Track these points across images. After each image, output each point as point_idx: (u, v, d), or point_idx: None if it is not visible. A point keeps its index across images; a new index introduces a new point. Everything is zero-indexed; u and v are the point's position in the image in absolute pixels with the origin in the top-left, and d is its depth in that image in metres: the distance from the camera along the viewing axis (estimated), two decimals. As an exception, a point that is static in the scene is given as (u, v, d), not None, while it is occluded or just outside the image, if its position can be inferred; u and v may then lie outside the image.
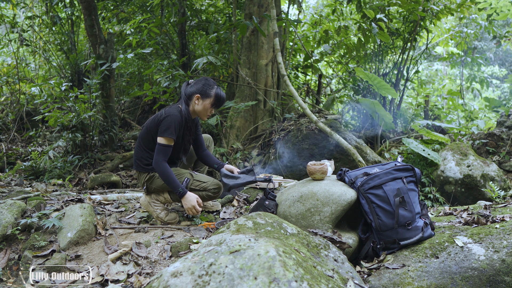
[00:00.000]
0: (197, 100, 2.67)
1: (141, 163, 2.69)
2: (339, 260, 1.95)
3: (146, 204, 2.76)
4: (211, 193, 2.70)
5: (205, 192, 2.69)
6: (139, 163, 2.70)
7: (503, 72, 14.63)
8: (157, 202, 2.75)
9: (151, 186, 2.71)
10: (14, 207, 2.55)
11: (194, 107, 2.70)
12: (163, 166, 2.52)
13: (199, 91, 2.66)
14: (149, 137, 2.66)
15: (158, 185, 2.69)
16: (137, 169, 2.72)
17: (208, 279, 1.34)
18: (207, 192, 2.69)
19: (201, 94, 2.66)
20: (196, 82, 2.71)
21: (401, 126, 7.62)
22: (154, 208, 2.74)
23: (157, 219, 2.73)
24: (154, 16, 6.85)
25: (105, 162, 5.61)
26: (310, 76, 8.59)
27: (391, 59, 8.27)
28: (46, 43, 8.07)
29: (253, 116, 5.98)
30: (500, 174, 4.13)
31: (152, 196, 2.75)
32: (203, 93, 2.66)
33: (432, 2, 6.62)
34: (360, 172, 2.38)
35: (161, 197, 2.75)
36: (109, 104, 6.01)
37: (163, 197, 2.75)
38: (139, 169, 2.71)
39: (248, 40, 6.07)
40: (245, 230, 1.81)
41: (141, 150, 2.71)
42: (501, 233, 2.00)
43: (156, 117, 2.63)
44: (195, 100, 2.67)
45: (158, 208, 2.74)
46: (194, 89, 2.67)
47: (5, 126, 7.07)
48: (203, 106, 2.68)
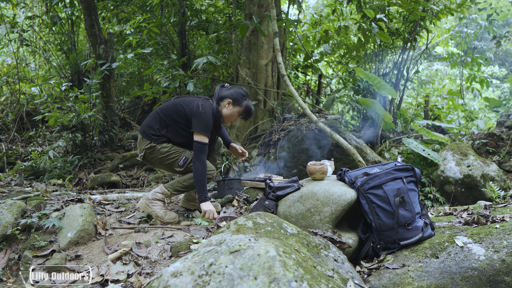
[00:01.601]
0: (228, 105, 2.74)
1: (149, 131, 2.72)
2: (339, 260, 1.95)
3: (144, 205, 2.76)
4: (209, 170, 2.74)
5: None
6: (147, 130, 2.72)
7: (503, 72, 14.63)
8: (155, 202, 2.74)
9: (149, 156, 2.73)
10: (14, 207, 2.55)
11: (223, 109, 2.77)
12: (204, 167, 2.59)
13: (232, 97, 2.74)
14: (173, 115, 2.69)
15: (156, 158, 2.70)
16: (143, 134, 2.74)
17: (208, 279, 1.34)
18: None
19: (233, 100, 2.74)
20: (231, 88, 2.80)
21: (401, 126, 7.62)
22: (153, 208, 2.74)
23: (157, 219, 2.73)
24: (154, 16, 6.85)
25: (105, 162, 5.61)
26: (310, 76, 8.59)
27: (391, 59, 8.26)
28: (46, 43, 8.07)
29: (253, 116, 5.98)
30: (500, 174, 4.13)
31: (150, 196, 2.75)
32: (235, 101, 2.74)
33: (432, 2, 6.62)
34: (360, 172, 2.38)
35: (158, 194, 2.75)
36: (109, 104, 6.01)
37: (161, 194, 2.75)
38: (144, 135, 2.73)
39: (248, 40, 6.07)
40: (245, 230, 1.81)
41: (155, 121, 2.73)
42: (501, 233, 2.00)
43: (192, 106, 2.65)
44: (226, 103, 2.74)
45: (157, 207, 2.74)
46: (228, 94, 2.75)
47: (5, 126, 7.07)
48: (231, 112, 2.76)
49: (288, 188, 2.51)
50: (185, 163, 2.70)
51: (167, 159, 2.71)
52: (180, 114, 2.68)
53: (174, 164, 2.72)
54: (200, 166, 2.59)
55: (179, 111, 2.69)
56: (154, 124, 2.74)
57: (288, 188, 2.51)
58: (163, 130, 2.72)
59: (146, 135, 2.73)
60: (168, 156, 2.71)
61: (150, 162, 2.81)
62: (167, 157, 2.71)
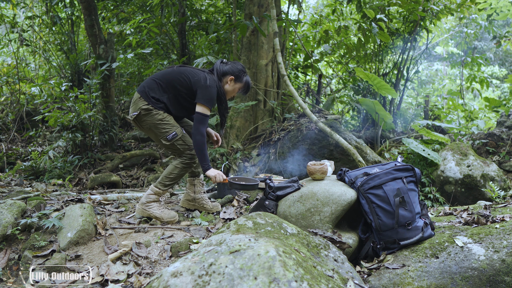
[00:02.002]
0: (230, 81, 2.80)
1: (149, 93, 2.67)
2: (339, 260, 1.95)
3: (141, 211, 2.75)
4: (184, 158, 2.73)
5: (181, 155, 2.73)
6: (147, 91, 2.67)
7: (503, 72, 14.62)
8: (150, 204, 2.73)
9: (142, 117, 2.67)
10: (14, 207, 2.55)
11: (225, 85, 2.82)
12: (203, 138, 2.62)
13: (234, 74, 2.79)
14: (175, 83, 2.68)
15: (148, 122, 2.66)
16: (141, 94, 2.68)
17: (208, 279, 1.34)
18: (181, 157, 2.73)
19: (235, 77, 2.79)
20: (230, 63, 2.84)
21: (401, 126, 7.62)
22: (150, 211, 2.72)
23: (157, 220, 2.73)
24: (154, 16, 6.85)
25: (105, 162, 5.61)
26: (310, 76, 8.59)
27: (391, 59, 8.26)
28: (46, 43, 8.07)
29: (253, 116, 5.98)
30: (500, 174, 4.13)
31: (144, 200, 2.73)
32: (237, 77, 2.80)
33: (432, 2, 6.62)
34: (360, 172, 2.38)
35: (151, 195, 2.73)
36: (109, 104, 6.01)
37: (153, 195, 2.74)
38: (142, 95, 2.67)
39: (248, 40, 6.07)
40: (245, 230, 1.81)
41: (157, 84, 2.70)
42: (501, 233, 2.00)
43: (199, 78, 2.66)
44: (228, 80, 2.79)
45: (153, 208, 2.73)
46: (230, 70, 2.79)
47: (5, 126, 7.07)
48: (233, 88, 2.82)
49: (288, 188, 2.51)
50: (173, 138, 2.67)
51: (158, 127, 2.66)
52: (183, 83, 2.68)
53: (162, 136, 2.67)
54: (201, 137, 2.60)
55: (183, 80, 2.68)
56: (155, 87, 2.70)
57: (288, 188, 2.51)
58: (162, 96, 2.69)
59: (146, 96, 2.67)
60: (160, 125, 2.66)
61: (140, 125, 2.73)
62: (158, 126, 2.66)
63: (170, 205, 3.22)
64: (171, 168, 2.75)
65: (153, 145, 6.95)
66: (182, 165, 2.75)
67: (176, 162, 2.76)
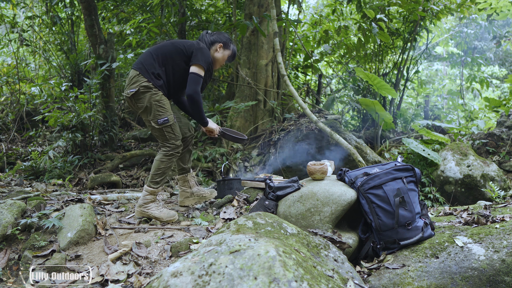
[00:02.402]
0: (219, 48, 2.89)
1: (149, 69, 2.66)
2: (339, 260, 1.95)
3: (139, 213, 2.74)
4: (168, 149, 2.72)
5: (164, 144, 2.73)
6: (147, 68, 2.66)
7: (503, 72, 14.61)
8: (147, 205, 2.72)
9: (139, 95, 2.64)
10: (14, 207, 2.55)
11: (214, 53, 2.89)
12: (200, 97, 2.69)
13: (222, 41, 2.89)
14: (172, 54, 2.72)
15: (144, 100, 2.63)
16: (140, 71, 2.65)
17: (208, 279, 1.34)
18: (165, 146, 2.73)
19: (224, 44, 2.89)
20: (217, 33, 2.93)
21: (401, 126, 7.62)
22: (148, 212, 2.71)
23: (157, 220, 2.72)
24: (154, 16, 6.85)
25: (105, 162, 5.61)
26: (310, 76, 8.59)
27: (391, 59, 8.27)
28: (46, 43, 8.07)
29: (253, 116, 5.98)
30: (500, 174, 4.13)
31: (140, 202, 2.73)
32: (225, 44, 2.90)
33: (432, 2, 6.62)
34: (360, 172, 2.38)
35: (146, 196, 2.73)
36: (109, 104, 6.01)
37: (149, 195, 2.74)
38: (141, 72, 2.64)
39: (248, 40, 6.06)
40: (245, 230, 1.81)
41: (153, 59, 2.69)
42: (501, 233, 2.00)
43: (193, 44, 2.74)
44: (218, 47, 2.88)
45: (151, 209, 2.72)
46: (218, 38, 2.89)
47: (5, 126, 7.07)
48: (222, 55, 2.91)
49: (288, 188, 2.51)
50: (163, 123, 2.65)
51: (152, 109, 2.64)
52: (179, 51, 2.72)
53: (153, 118, 2.65)
54: (198, 97, 2.67)
55: (178, 49, 2.72)
56: (153, 63, 2.68)
57: (288, 188, 2.51)
58: (161, 70, 2.70)
59: (145, 72, 2.64)
60: (155, 107, 2.63)
61: (136, 104, 2.69)
62: (153, 107, 2.63)
63: (170, 205, 3.22)
64: (157, 163, 2.73)
65: (153, 145, 6.95)
66: (166, 157, 2.72)
67: (159, 156, 2.73)
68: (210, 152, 5.39)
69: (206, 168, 5.38)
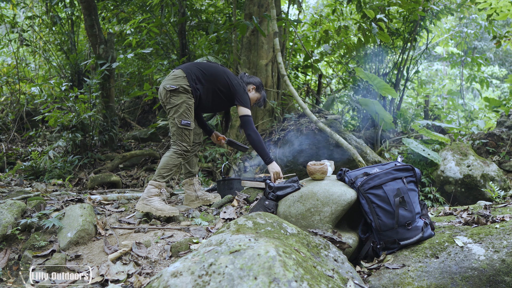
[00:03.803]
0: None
1: (194, 78, 2.85)
2: (339, 260, 1.95)
3: (142, 206, 2.75)
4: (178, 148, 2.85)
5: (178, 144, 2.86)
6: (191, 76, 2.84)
7: (503, 72, 14.62)
8: (151, 198, 2.74)
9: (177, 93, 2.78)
10: (14, 207, 2.55)
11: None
12: (258, 135, 2.95)
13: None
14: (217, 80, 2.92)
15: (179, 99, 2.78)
16: (188, 75, 2.82)
17: (208, 279, 1.34)
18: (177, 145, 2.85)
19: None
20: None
21: (401, 126, 7.62)
22: (151, 204, 2.72)
23: (158, 213, 2.70)
24: (154, 16, 6.85)
25: (105, 162, 5.61)
26: (310, 76, 8.59)
27: (391, 59, 8.27)
28: (46, 43, 8.07)
29: (253, 116, 5.98)
30: (500, 174, 4.13)
31: (145, 195, 2.75)
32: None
33: (432, 2, 6.62)
34: (360, 172, 2.38)
35: (152, 190, 2.75)
36: (109, 104, 6.01)
37: (154, 189, 2.76)
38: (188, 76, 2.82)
39: (248, 40, 6.07)
40: (245, 230, 1.81)
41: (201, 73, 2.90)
42: (501, 233, 2.00)
43: (238, 82, 3.00)
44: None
45: (155, 202, 2.74)
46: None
47: (5, 126, 7.07)
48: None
49: (288, 188, 2.51)
50: (185, 125, 2.81)
51: (181, 109, 2.79)
52: (225, 83, 2.93)
53: (178, 117, 2.79)
54: (256, 135, 2.92)
55: (225, 80, 2.93)
56: (199, 76, 2.89)
57: (288, 188, 2.51)
58: (202, 86, 2.89)
59: (191, 78, 2.83)
60: (184, 108, 2.79)
61: (169, 97, 2.82)
62: (183, 108, 2.79)
63: (170, 204, 3.22)
64: (166, 159, 2.83)
65: (153, 145, 6.95)
66: (176, 155, 2.83)
67: (169, 153, 2.84)
68: (210, 152, 5.39)
69: (206, 168, 5.38)
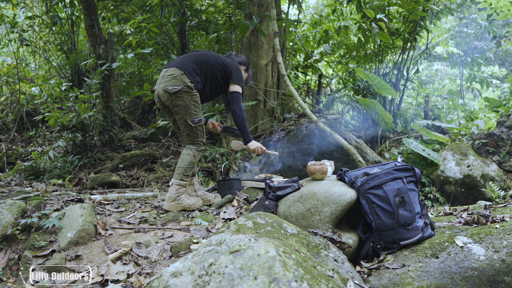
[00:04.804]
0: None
1: (191, 72, 2.81)
2: (339, 260, 1.95)
3: (174, 206, 2.85)
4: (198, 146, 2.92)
5: (195, 141, 2.92)
6: (190, 70, 2.81)
7: (503, 72, 14.61)
8: (180, 197, 2.85)
9: (181, 94, 2.75)
10: (14, 207, 2.55)
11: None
12: (244, 112, 2.94)
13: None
14: (212, 65, 2.92)
15: (185, 100, 2.77)
16: (184, 71, 2.78)
17: (208, 279, 1.34)
18: (195, 143, 2.92)
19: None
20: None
21: (401, 126, 7.62)
22: (183, 203, 2.85)
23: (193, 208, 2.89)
24: (154, 16, 6.85)
25: (105, 162, 5.61)
26: (310, 76, 8.59)
27: (391, 59, 8.27)
28: (46, 43, 8.07)
29: (253, 116, 5.98)
30: (500, 174, 4.13)
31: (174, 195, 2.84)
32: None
33: (432, 2, 6.62)
34: (360, 172, 2.38)
35: (180, 189, 2.86)
36: (109, 104, 6.01)
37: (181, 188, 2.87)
38: (186, 72, 2.78)
39: (248, 40, 6.06)
40: (245, 230, 1.81)
41: (195, 65, 2.87)
42: (501, 233, 2.00)
43: (230, 62, 3.00)
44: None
45: (185, 200, 2.87)
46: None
47: (5, 126, 7.07)
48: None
49: (288, 188, 2.51)
50: (198, 123, 2.85)
51: (190, 108, 2.80)
52: (219, 66, 2.93)
53: (190, 117, 2.81)
54: (240, 112, 2.90)
55: (218, 64, 2.93)
56: (194, 67, 2.86)
57: (288, 188, 2.51)
58: (200, 77, 2.89)
59: (189, 73, 2.79)
60: (192, 107, 2.80)
61: (174, 99, 2.79)
62: (191, 107, 2.80)
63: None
64: (190, 158, 2.89)
65: (153, 145, 6.95)
66: (197, 152, 2.92)
67: (191, 152, 2.90)
68: (210, 152, 5.39)
69: (206, 168, 5.38)
